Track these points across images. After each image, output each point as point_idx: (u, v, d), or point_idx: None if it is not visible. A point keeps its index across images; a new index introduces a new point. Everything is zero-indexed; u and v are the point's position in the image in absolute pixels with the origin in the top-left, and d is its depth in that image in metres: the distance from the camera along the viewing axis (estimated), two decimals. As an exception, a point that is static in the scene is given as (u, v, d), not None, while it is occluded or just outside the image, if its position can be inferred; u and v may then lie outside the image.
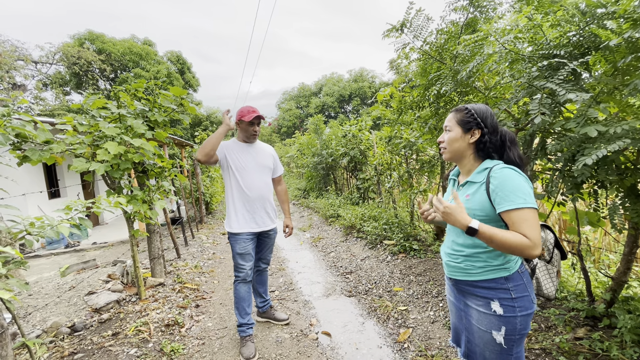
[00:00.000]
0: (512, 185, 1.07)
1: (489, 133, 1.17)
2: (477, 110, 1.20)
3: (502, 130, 1.21)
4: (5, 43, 14.93)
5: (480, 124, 1.18)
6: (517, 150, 1.20)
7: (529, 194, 1.07)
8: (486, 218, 1.13)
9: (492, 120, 1.19)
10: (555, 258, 1.25)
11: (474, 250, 1.18)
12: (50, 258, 6.05)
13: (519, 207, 1.05)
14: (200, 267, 4.25)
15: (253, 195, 2.42)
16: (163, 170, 3.44)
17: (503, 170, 1.10)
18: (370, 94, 29.65)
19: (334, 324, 2.70)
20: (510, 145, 1.20)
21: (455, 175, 1.35)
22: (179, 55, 22.64)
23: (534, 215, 1.05)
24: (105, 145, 2.60)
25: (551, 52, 1.66)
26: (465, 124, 1.19)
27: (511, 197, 1.06)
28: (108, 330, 2.60)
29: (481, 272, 1.17)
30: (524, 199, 1.05)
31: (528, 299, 1.14)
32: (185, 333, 2.63)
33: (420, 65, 2.87)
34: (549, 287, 1.22)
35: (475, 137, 1.19)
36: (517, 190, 1.06)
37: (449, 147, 1.24)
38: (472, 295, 1.22)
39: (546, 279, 1.21)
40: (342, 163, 7.40)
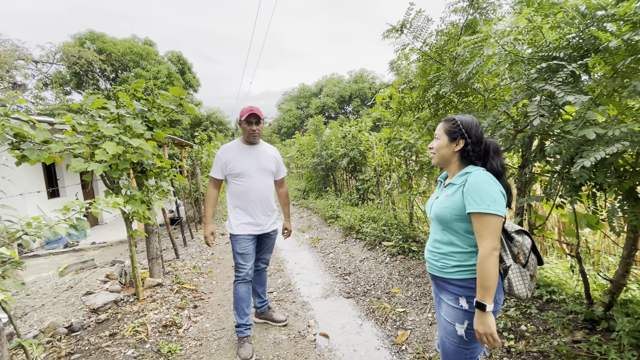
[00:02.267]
0: (481, 189, 1.16)
1: (472, 143, 1.28)
2: (463, 121, 1.30)
3: (486, 141, 1.31)
4: (5, 42, 14.93)
5: (464, 135, 1.28)
6: (499, 160, 1.29)
7: (496, 201, 1.15)
8: (460, 217, 1.23)
9: (476, 131, 1.29)
10: (532, 263, 1.28)
11: (450, 249, 1.29)
12: (49, 257, 6.04)
13: (482, 212, 1.15)
14: (199, 267, 4.24)
15: (254, 199, 2.42)
16: (162, 170, 3.43)
17: (478, 175, 1.20)
18: (370, 94, 29.66)
19: (332, 325, 2.69)
20: (494, 154, 1.29)
21: (443, 178, 1.46)
22: (180, 56, 22.64)
23: (495, 222, 1.14)
24: (104, 145, 2.59)
25: (550, 54, 1.65)
26: (451, 133, 1.31)
27: (477, 201, 1.16)
28: (105, 331, 2.59)
29: (454, 271, 1.28)
30: (488, 205, 1.14)
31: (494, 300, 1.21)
32: (182, 334, 2.63)
33: (419, 67, 2.87)
34: (521, 288, 1.25)
35: (459, 146, 1.30)
36: (485, 195, 1.15)
37: (437, 153, 1.36)
38: (445, 290, 1.33)
39: (518, 281, 1.25)
40: (341, 164, 7.40)
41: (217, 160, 2.43)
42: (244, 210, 2.41)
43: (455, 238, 1.28)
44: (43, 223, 1.79)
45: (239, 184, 2.40)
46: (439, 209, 1.30)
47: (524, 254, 1.27)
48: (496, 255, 1.14)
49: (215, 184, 2.48)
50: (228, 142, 2.70)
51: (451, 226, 1.27)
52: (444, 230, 1.32)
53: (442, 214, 1.28)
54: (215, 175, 2.43)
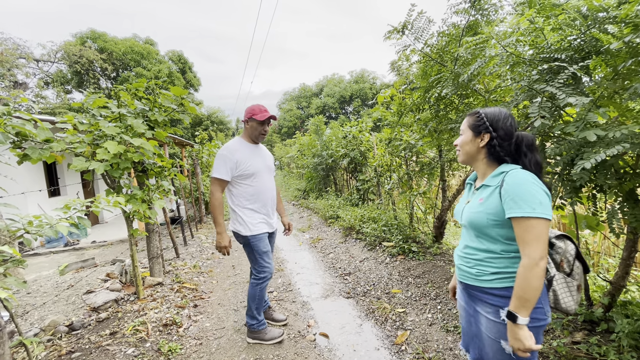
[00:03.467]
0: (523, 190, 1.04)
1: (499, 137, 1.16)
2: (488, 114, 1.19)
3: (518, 135, 1.18)
4: (7, 41, 14.95)
5: (488, 128, 1.17)
6: (534, 156, 1.16)
7: (542, 202, 1.03)
8: (499, 222, 1.11)
9: (504, 123, 1.16)
10: (577, 271, 1.16)
11: (487, 255, 1.16)
12: (50, 256, 6.05)
13: (525, 216, 1.02)
14: (199, 267, 4.25)
15: (266, 199, 2.41)
16: (163, 169, 3.44)
17: (517, 174, 1.08)
18: (371, 95, 29.68)
19: (332, 325, 2.70)
20: (527, 150, 1.16)
21: (472, 180, 1.34)
22: (180, 55, 22.67)
23: (541, 226, 1.01)
24: (105, 145, 2.60)
25: (552, 55, 1.66)
26: (475, 127, 1.20)
27: (520, 204, 1.03)
28: (106, 330, 2.60)
29: (493, 279, 1.14)
30: (533, 207, 1.02)
31: (541, 310, 1.09)
32: (183, 333, 2.63)
33: (420, 68, 2.87)
34: (568, 301, 1.12)
35: (484, 141, 1.18)
36: (528, 197, 1.03)
37: (462, 149, 1.26)
38: (482, 301, 1.18)
39: (564, 293, 1.12)
40: (342, 164, 7.41)
41: (224, 160, 2.28)
42: (257, 210, 2.37)
43: (492, 245, 1.15)
44: (44, 222, 1.80)
45: (251, 184, 2.35)
46: (472, 214, 1.18)
47: (568, 261, 1.15)
48: (543, 265, 1.01)
49: (221, 186, 2.33)
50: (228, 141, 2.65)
51: (487, 232, 1.15)
52: (478, 237, 1.19)
53: (477, 219, 1.15)
54: (223, 176, 2.28)
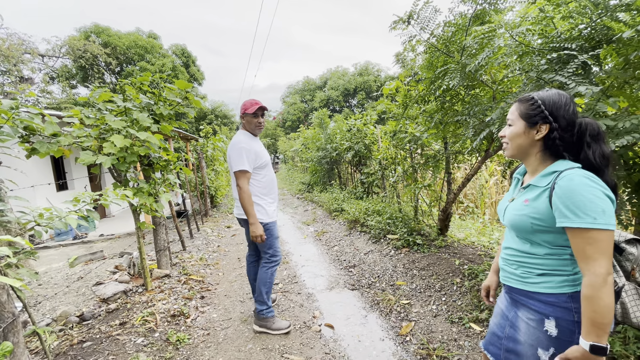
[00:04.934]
0: (582, 198, 0.89)
1: (561, 128, 0.97)
2: (546, 100, 0.99)
3: (581, 122, 0.98)
4: (12, 36, 15.01)
5: (547, 118, 0.97)
6: (600, 148, 0.96)
7: (605, 211, 0.87)
8: (546, 229, 0.98)
9: (566, 111, 0.97)
10: None
11: (530, 257, 1.04)
12: (59, 249, 6.16)
13: (586, 227, 0.88)
14: (205, 259, 4.30)
15: (275, 187, 2.60)
16: (168, 163, 3.46)
17: (573, 177, 0.91)
18: (375, 87, 29.42)
19: (337, 316, 2.73)
20: (591, 141, 0.97)
21: (521, 174, 1.17)
22: (184, 49, 22.60)
23: (606, 238, 0.87)
24: (112, 139, 2.62)
25: (562, 44, 1.63)
26: (529, 117, 1.00)
27: (577, 213, 0.89)
28: (115, 320, 2.65)
29: (541, 282, 1.01)
30: (594, 217, 0.87)
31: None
32: (190, 323, 2.68)
33: (426, 59, 2.84)
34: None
35: (541, 133, 0.99)
36: (588, 205, 0.88)
37: (511, 143, 1.06)
38: (525, 307, 1.06)
39: (636, 306, 0.98)
40: (346, 157, 7.39)
41: (246, 152, 2.33)
42: (272, 199, 2.55)
43: (535, 249, 1.03)
44: (54, 214, 1.83)
45: (266, 175, 2.49)
46: (515, 216, 1.04)
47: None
48: (611, 281, 0.87)
49: (247, 178, 2.35)
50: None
51: (531, 238, 1.02)
52: (521, 239, 1.07)
53: (520, 223, 1.02)
54: (247, 168, 2.33)
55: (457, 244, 3.79)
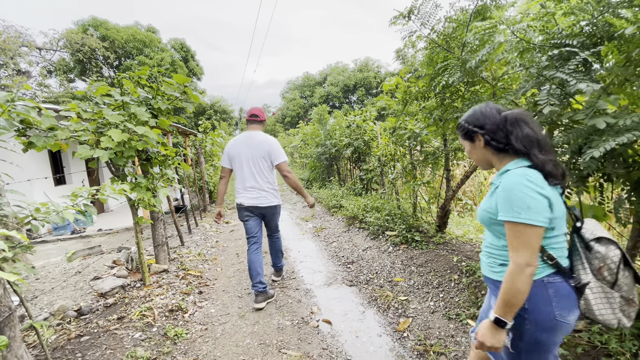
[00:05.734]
0: (510, 194, 1.00)
1: (490, 132, 1.11)
2: (469, 118, 1.17)
3: (505, 116, 1.11)
4: (9, 29, 14.86)
5: (475, 130, 1.14)
6: (520, 131, 1.07)
7: (527, 207, 0.97)
8: (497, 221, 1.08)
9: (489, 118, 1.12)
10: (624, 281, 1.03)
11: (495, 248, 1.15)
12: (57, 243, 6.15)
13: (512, 220, 0.99)
14: (204, 254, 4.30)
15: None
16: (167, 158, 3.45)
17: (512, 176, 1.03)
18: (375, 84, 29.30)
19: (335, 312, 2.73)
20: (511, 128, 1.09)
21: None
22: (183, 43, 22.45)
23: (527, 233, 0.97)
24: (109, 133, 2.61)
25: (563, 41, 1.61)
26: (466, 136, 1.19)
27: (507, 207, 1.01)
28: (113, 315, 2.65)
29: (500, 272, 1.12)
30: (518, 212, 0.98)
31: (546, 313, 1.03)
32: (188, 318, 2.68)
33: (426, 55, 2.82)
34: (606, 314, 1.03)
35: (481, 141, 1.15)
36: (515, 200, 0.99)
37: (473, 159, 1.24)
38: (494, 295, 1.17)
39: (601, 304, 1.03)
40: (345, 154, 7.38)
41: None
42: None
43: (497, 241, 1.14)
44: (52, 209, 1.82)
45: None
46: (480, 210, 1.18)
47: (610, 268, 1.04)
48: (529, 272, 0.97)
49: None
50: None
51: (492, 229, 1.14)
52: (488, 232, 1.20)
53: (481, 216, 1.16)
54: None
55: (456, 240, 3.80)
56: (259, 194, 2.93)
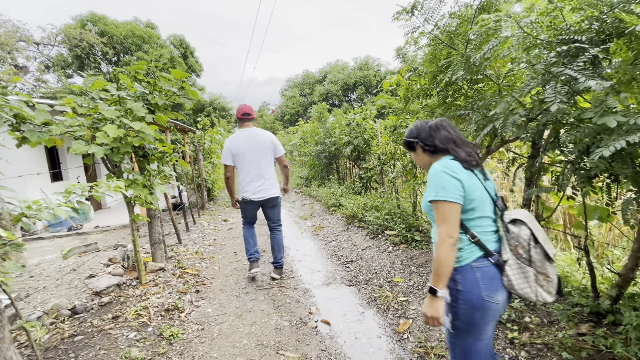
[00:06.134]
0: (431, 179, 1.23)
1: (424, 139, 1.36)
2: (408, 134, 1.43)
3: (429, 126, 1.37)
4: (6, 23, 14.70)
5: (412, 141, 1.40)
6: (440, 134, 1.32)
7: (442, 187, 1.18)
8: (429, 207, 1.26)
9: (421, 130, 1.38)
10: (537, 257, 1.18)
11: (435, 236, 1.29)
12: (53, 240, 6.09)
13: (431, 199, 1.21)
14: (201, 253, 4.25)
15: None
16: (164, 155, 3.39)
17: (434, 166, 1.27)
18: (375, 82, 29.20)
19: (334, 312, 2.69)
20: (435, 132, 1.33)
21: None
22: (182, 39, 22.28)
23: (442, 207, 1.18)
24: (105, 128, 2.55)
25: (571, 37, 1.57)
26: (409, 148, 1.44)
27: (429, 190, 1.23)
28: (108, 314, 2.61)
29: None
30: (436, 192, 1.19)
31: (475, 295, 1.19)
32: (184, 318, 2.64)
33: (429, 52, 2.76)
34: (524, 288, 1.18)
35: (420, 148, 1.39)
36: (434, 184, 1.21)
37: (419, 164, 1.48)
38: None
39: (519, 279, 1.18)
40: (345, 152, 7.33)
41: None
42: None
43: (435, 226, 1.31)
44: (44, 206, 1.76)
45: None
46: (422, 203, 1.37)
47: (523, 246, 1.18)
48: (450, 242, 1.14)
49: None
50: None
51: (431, 217, 1.30)
52: (431, 220, 1.34)
53: (423, 207, 1.34)
54: None
55: (456, 240, 3.77)
56: (265, 188, 3.16)
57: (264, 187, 3.14)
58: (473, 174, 1.25)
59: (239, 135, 3.16)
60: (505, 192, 5.11)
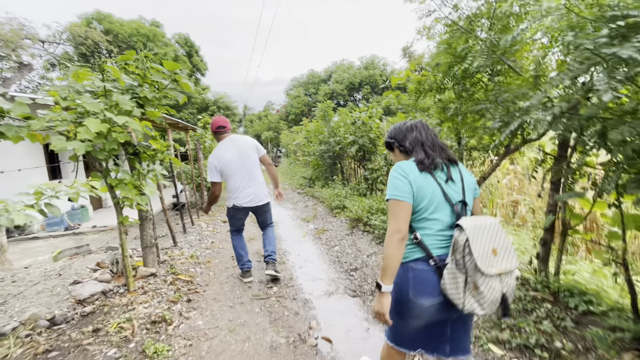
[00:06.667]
0: (388, 181, 1.31)
1: (400, 141, 1.44)
2: (388, 134, 1.52)
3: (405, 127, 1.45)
4: (12, 21, 14.69)
5: (390, 142, 1.49)
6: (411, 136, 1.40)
7: (393, 186, 1.26)
8: None
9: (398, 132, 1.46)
10: (469, 265, 1.15)
11: None
12: (48, 240, 5.92)
13: (386, 198, 1.29)
14: (197, 257, 4.03)
15: None
16: (156, 153, 3.17)
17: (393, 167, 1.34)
18: (381, 82, 28.84)
19: (336, 328, 2.44)
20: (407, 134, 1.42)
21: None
22: (187, 38, 22.20)
23: (392, 205, 1.25)
24: (86, 122, 2.32)
25: (623, 13, 1.30)
26: (389, 148, 1.52)
27: (387, 189, 1.30)
28: (89, 325, 2.38)
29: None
30: (389, 191, 1.27)
31: (404, 291, 1.27)
32: (172, 332, 2.40)
33: (444, 41, 2.50)
34: (454, 292, 1.18)
35: (397, 149, 1.47)
36: (388, 184, 1.30)
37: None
38: None
39: (450, 283, 1.18)
40: (350, 152, 7.06)
41: None
42: None
43: None
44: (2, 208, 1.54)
45: None
46: None
47: (460, 252, 1.17)
48: (397, 238, 1.19)
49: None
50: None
51: None
52: None
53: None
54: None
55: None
56: (255, 194, 3.12)
57: (255, 194, 3.11)
58: (429, 176, 1.28)
59: (220, 148, 3.09)
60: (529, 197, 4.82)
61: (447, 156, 1.34)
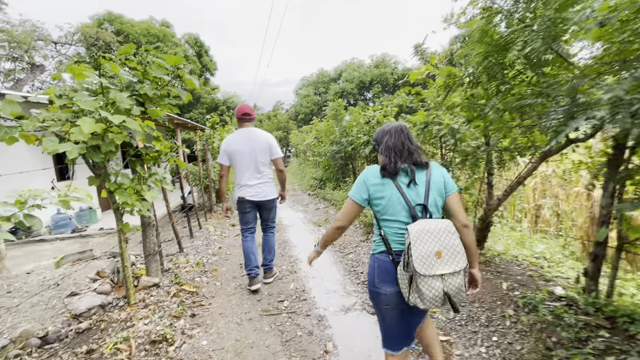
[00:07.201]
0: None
1: (378, 144, 1.50)
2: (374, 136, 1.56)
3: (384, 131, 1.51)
4: (25, 23, 14.86)
5: (375, 144, 1.54)
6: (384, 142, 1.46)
7: (354, 187, 1.46)
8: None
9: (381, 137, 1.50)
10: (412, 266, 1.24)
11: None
12: (54, 243, 5.81)
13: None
14: (203, 264, 3.80)
15: None
16: (160, 154, 2.95)
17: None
18: (392, 80, 28.33)
19: (355, 352, 2.17)
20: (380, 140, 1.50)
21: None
22: (197, 38, 22.20)
23: (348, 203, 1.46)
24: (80, 122, 2.10)
25: None
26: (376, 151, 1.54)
27: None
28: (83, 345, 2.17)
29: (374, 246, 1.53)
30: (351, 190, 1.47)
31: (370, 279, 1.46)
32: (173, 354, 2.16)
33: (479, 28, 2.19)
34: (403, 288, 1.31)
35: (379, 152, 1.49)
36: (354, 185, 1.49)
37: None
38: None
39: (400, 278, 1.32)
40: (363, 152, 6.76)
41: None
42: None
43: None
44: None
45: None
46: None
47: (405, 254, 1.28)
48: (335, 226, 1.49)
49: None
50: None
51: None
52: None
53: None
54: None
55: (499, 259, 3.16)
56: (261, 189, 3.05)
57: (261, 189, 3.05)
58: (390, 181, 1.37)
59: (236, 135, 3.04)
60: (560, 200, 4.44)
61: (412, 161, 1.38)
